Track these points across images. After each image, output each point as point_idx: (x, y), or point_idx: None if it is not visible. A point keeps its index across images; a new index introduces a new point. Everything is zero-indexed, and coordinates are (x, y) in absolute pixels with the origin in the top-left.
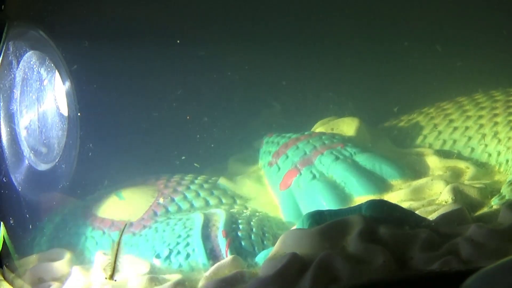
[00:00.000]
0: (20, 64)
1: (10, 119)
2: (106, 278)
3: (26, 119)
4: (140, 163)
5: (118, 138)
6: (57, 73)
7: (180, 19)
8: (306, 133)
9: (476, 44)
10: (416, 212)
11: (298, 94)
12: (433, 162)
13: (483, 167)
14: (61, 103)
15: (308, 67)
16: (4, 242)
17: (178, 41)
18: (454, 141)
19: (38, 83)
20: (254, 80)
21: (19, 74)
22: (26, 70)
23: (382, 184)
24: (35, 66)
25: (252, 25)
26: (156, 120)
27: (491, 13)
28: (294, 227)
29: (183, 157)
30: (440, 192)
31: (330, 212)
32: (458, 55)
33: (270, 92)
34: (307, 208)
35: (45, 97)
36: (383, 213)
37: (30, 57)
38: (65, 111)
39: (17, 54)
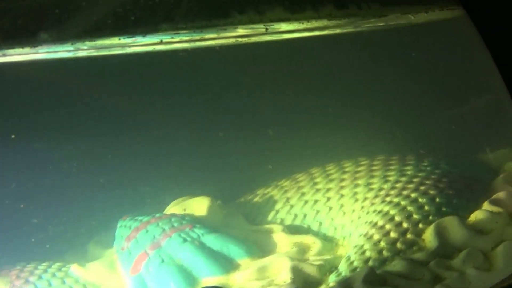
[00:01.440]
0: None
1: None
2: None
3: None
4: None
5: None
6: None
7: None
8: (157, 215)
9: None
10: None
11: (151, 176)
12: (281, 238)
13: (329, 241)
14: None
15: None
16: None
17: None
18: (305, 215)
19: None
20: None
21: None
22: None
23: (229, 264)
24: None
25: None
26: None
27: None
28: None
29: (47, 246)
30: (283, 270)
31: None
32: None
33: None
34: None
35: None
36: None
37: None
38: None
39: None
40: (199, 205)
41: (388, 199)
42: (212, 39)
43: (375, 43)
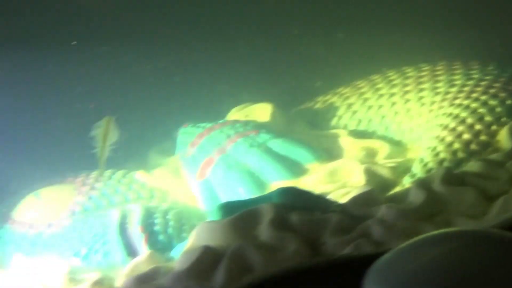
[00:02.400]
0: None
1: None
2: None
3: None
4: (58, 161)
5: (34, 136)
6: None
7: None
8: (220, 121)
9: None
10: (330, 195)
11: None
12: (348, 143)
13: (397, 145)
14: None
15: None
16: None
17: (73, 42)
18: (369, 120)
19: None
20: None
21: None
22: None
23: (297, 169)
24: None
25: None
26: (72, 116)
27: None
28: (207, 220)
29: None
30: (354, 174)
31: (240, 202)
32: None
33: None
34: (225, 197)
35: None
36: (293, 200)
37: None
38: None
39: None
40: (261, 111)
41: (457, 102)
42: None
43: None
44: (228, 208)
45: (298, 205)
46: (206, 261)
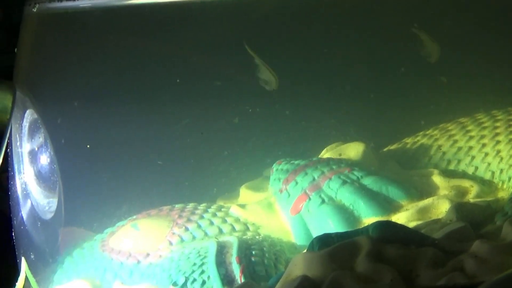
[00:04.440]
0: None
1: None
2: None
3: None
4: (152, 194)
5: (131, 171)
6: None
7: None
8: (314, 159)
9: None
10: (422, 231)
11: (302, 122)
12: (438, 182)
13: (486, 185)
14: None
15: (308, 94)
16: (26, 277)
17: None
18: (458, 161)
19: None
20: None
21: (24, 133)
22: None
23: (389, 205)
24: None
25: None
26: (166, 151)
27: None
28: (304, 251)
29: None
30: (445, 211)
31: (337, 235)
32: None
33: (274, 123)
34: (317, 231)
35: (40, 153)
36: (389, 234)
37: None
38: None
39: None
40: (354, 150)
41: None
42: None
43: None
44: (326, 240)
45: (393, 239)
46: None
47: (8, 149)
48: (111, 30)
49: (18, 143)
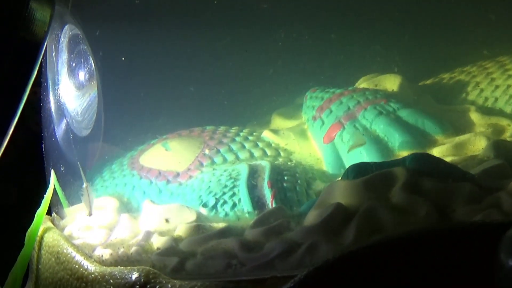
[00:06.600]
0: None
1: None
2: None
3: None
4: (185, 115)
5: (165, 91)
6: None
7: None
8: (349, 88)
9: None
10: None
11: (346, 46)
12: (475, 118)
13: None
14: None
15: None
16: (54, 189)
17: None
18: (496, 99)
19: (74, 54)
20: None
21: (61, 48)
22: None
23: (424, 139)
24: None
25: None
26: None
27: None
28: (339, 179)
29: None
30: (482, 148)
31: (374, 164)
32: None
33: (317, 47)
34: (350, 161)
35: (79, 69)
36: (426, 166)
37: (66, 30)
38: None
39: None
40: (390, 82)
41: None
42: None
43: None
44: (362, 169)
45: (430, 172)
46: (337, 218)
47: (43, 62)
48: None
49: (55, 55)
